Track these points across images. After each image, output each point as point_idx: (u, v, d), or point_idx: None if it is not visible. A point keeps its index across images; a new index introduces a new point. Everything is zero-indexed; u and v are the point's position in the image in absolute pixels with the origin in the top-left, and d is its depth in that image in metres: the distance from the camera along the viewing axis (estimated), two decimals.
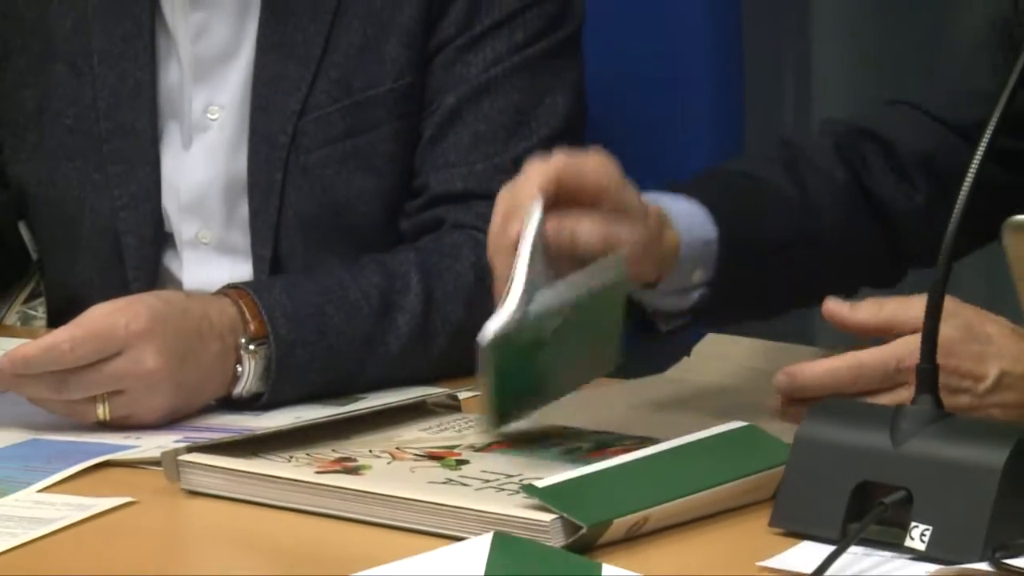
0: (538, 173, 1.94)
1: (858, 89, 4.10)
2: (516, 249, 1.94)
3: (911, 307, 1.96)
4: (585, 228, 1.97)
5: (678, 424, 1.95)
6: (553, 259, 1.96)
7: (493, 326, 1.89)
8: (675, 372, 2.32)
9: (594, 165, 2.01)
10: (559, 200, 1.96)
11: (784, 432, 1.87)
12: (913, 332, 1.89)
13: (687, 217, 2.16)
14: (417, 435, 2.03)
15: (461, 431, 2.05)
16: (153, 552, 1.76)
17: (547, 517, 1.69)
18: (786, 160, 2.34)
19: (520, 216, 1.94)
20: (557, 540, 1.69)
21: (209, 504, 1.89)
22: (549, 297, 1.96)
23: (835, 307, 2.07)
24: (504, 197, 1.99)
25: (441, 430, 2.06)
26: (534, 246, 1.95)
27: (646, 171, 2.69)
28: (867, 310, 2.06)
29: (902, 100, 2.41)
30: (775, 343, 2.39)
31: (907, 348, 1.96)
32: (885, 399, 1.94)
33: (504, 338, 1.92)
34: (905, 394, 1.90)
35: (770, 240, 2.24)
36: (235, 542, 1.84)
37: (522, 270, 1.96)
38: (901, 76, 4.02)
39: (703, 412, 2.00)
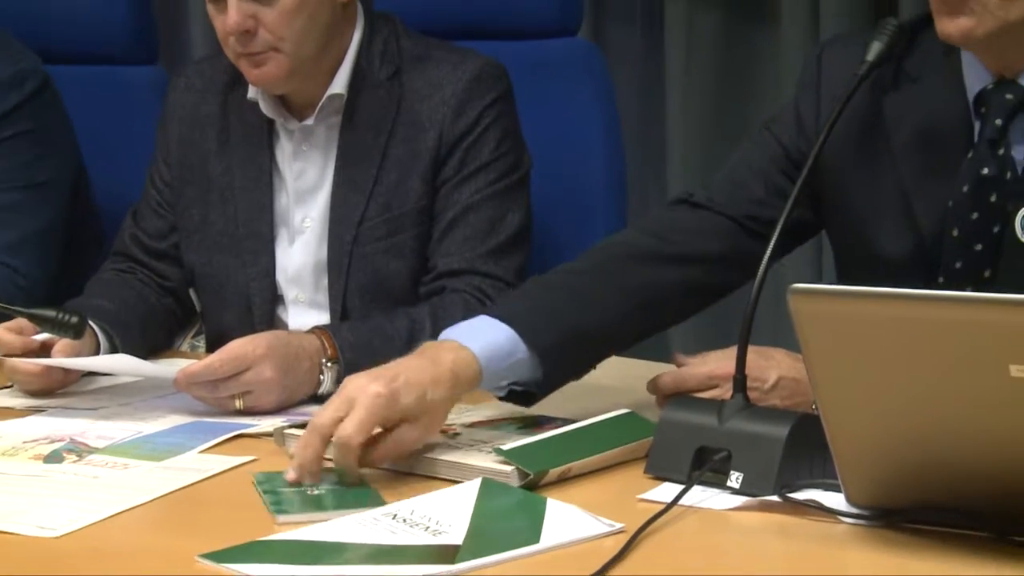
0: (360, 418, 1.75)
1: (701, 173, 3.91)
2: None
3: (725, 354, 1.99)
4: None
5: (587, 411, 1.97)
6: None
7: None
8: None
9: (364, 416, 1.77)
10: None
11: (652, 416, 1.91)
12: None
13: (491, 349, 1.90)
14: None
15: (458, 415, 2.00)
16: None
17: (508, 468, 1.76)
18: (603, 262, 2.12)
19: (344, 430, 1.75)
20: (515, 482, 1.74)
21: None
22: None
23: (684, 360, 2.10)
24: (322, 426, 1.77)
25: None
26: None
27: (566, 234, 2.78)
28: (699, 364, 2.06)
29: (688, 199, 2.18)
30: (644, 361, 2.33)
31: (718, 366, 2.01)
32: (708, 396, 1.97)
33: None
34: (719, 392, 1.97)
35: (579, 335, 2.01)
36: None
37: None
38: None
39: (601, 404, 2.00)
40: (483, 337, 1.93)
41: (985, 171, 2.00)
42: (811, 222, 2.23)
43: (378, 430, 1.80)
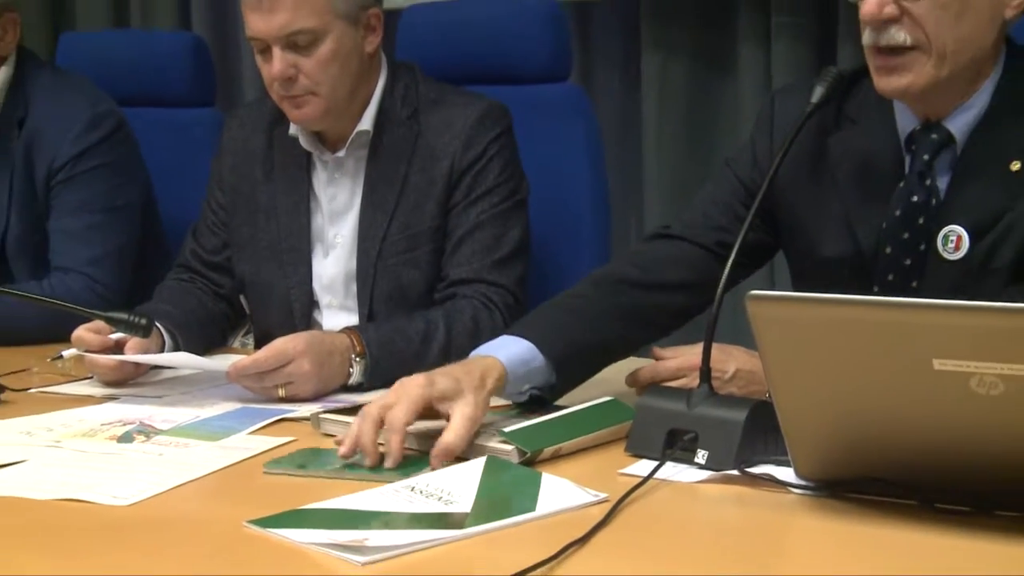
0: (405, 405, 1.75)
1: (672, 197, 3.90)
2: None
3: (692, 349, 1.97)
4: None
5: (578, 399, 1.96)
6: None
7: None
8: None
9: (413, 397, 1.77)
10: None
11: (630, 402, 1.89)
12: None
13: (515, 360, 1.92)
14: None
15: None
16: None
17: (509, 447, 1.75)
18: (601, 288, 2.13)
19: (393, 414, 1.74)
20: (514, 459, 1.73)
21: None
22: None
23: (659, 353, 2.11)
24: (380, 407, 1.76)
25: None
26: None
27: (559, 248, 2.77)
28: (671, 358, 2.07)
29: (664, 232, 2.21)
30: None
31: (686, 359, 2.01)
32: (678, 384, 1.97)
33: None
34: (687, 381, 1.97)
35: (583, 348, 2.03)
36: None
37: None
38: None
39: (589, 393, 2.00)
40: (507, 348, 1.94)
41: (914, 198, 2.02)
42: (770, 244, 2.23)
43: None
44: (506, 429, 1.79)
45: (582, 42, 4.08)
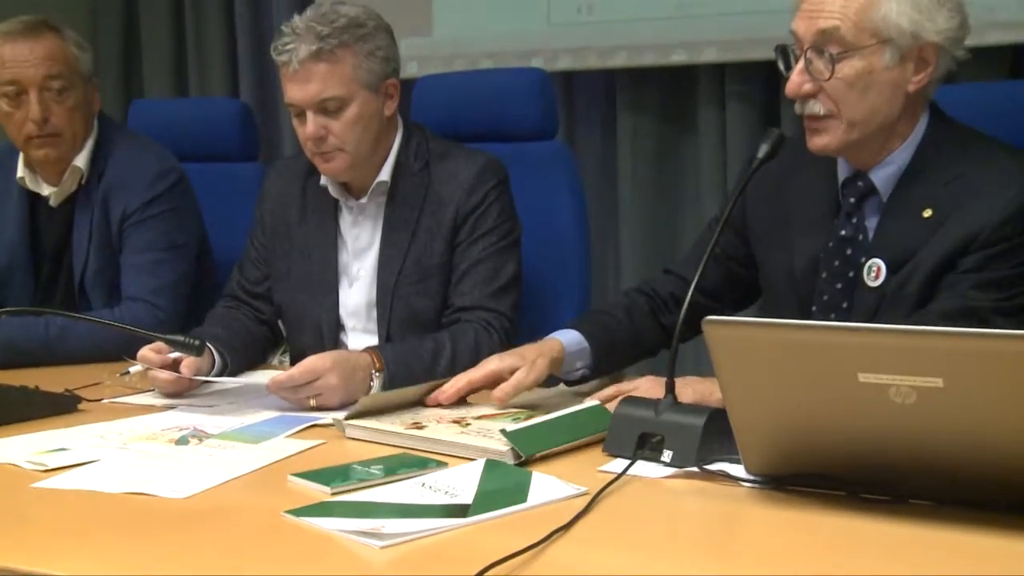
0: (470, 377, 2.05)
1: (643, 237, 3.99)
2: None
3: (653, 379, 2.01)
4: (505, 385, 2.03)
5: (563, 404, 1.94)
6: None
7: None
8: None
9: (493, 368, 2.05)
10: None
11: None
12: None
13: (571, 342, 2.14)
14: (447, 410, 2.01)
15: (469, 407, 2.03)
16: (333, 459, 1.74)
17: (505, 448, 1.73)
18: (625, 306, 2.25)
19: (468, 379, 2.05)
20: (510, 460, 1.72)
21: (360, 444, 1.89)
22: None
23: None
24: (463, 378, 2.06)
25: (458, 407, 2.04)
26: None
27: (547, 281, 2.76)
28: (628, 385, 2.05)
29: (669, 269, 2.31)
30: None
31: (644, 384, 2.01)
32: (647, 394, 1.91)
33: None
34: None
35: (614, 343, 2.20)
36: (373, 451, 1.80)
37: None
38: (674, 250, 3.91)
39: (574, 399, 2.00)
40: (566, 335, 2.15)
41: (844, 233, 2.04)
42: (751, 278, 2.24)
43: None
44: (509, 429, 1.77)
45: (567, 106, 4.11)
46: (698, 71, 3.88)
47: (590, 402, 1.92)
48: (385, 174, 2.46)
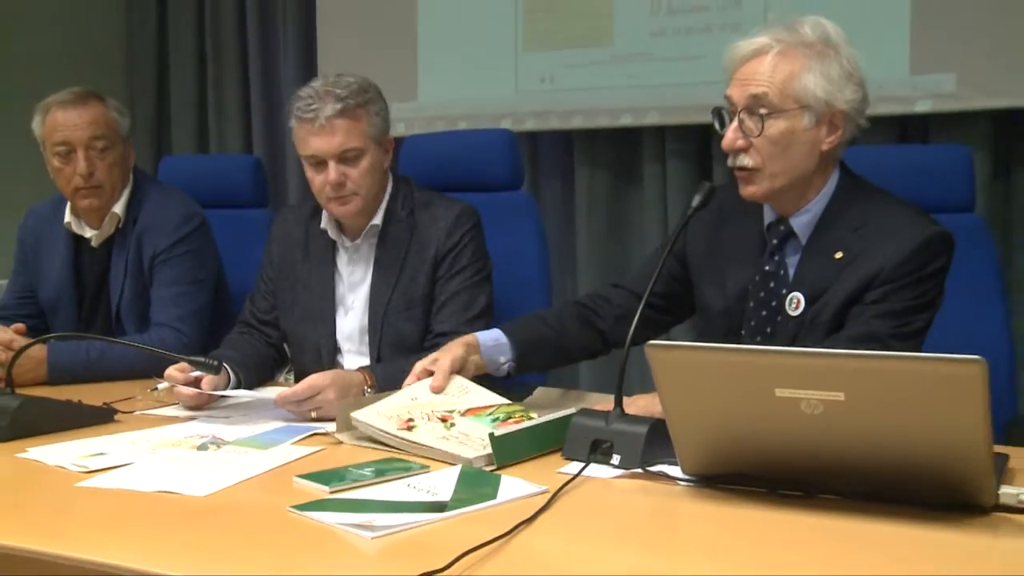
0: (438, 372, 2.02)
1: (598, 273, 4.03)
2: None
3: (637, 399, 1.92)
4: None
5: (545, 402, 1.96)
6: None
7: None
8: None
9: (420, 369, 2.04)
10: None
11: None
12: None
13: (488, 337, 2.14)
14: (439, 402, 1.97)
15: (458, 399, 1.98)
16: (331, 463, 1.73)
17: (480, 454, 1.73)
18: (557, 312, 2.24)
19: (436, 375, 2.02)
20: (484, 466, 1.72)
21: (354, 450, 1.88)
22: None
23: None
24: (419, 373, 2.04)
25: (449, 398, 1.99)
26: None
27: (514, 310, 2.63)
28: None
29: (618, 284, 2.27)
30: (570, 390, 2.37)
31: (637, 403, 1.90)
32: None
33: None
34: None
35: (538, 341, 2.18)
36: (360, 454, 1.78)
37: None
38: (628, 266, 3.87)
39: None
40: (484, 333, 2.14)
41: (768, 269, 2.05)
42: (689, 298, 2.22)
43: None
44: (496, 433, 1.75)
45: (531, 161, 4.13)
46: (643, 132, 3.91)
47: (566, 411, 1.87)
48: (378, 219, 2.45)
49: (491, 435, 1.74)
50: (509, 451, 1.75)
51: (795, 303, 1.99)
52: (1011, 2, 3.21)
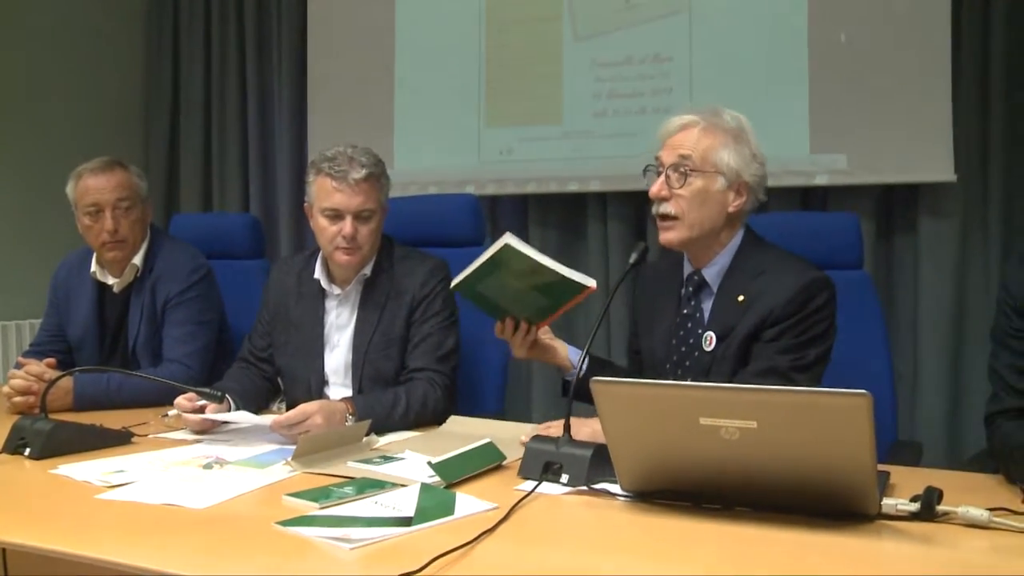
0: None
1: None
2: None
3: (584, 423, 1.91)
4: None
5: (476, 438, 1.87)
6: None
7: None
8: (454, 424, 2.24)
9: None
10: None
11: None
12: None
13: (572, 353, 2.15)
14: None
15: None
16: (317, 481, 1.71)
17: (436, 477, 1.71)
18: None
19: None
20: (440, 483, 1.69)
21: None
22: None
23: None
24: None
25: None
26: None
27: (476, 352, 2.67)
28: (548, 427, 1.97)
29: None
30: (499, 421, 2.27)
31: (582, 431, 1.90)
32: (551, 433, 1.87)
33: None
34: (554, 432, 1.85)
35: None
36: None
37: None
38: (569, 329, 3.80)
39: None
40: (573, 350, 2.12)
41: (686, 312, 2.08)
42: None
43: None
44: (433, 460, 1.73)
45: (492, 221, 4.14)
46: (587, 197, 3.94)
47: (483, 441, 1.85)
48: (367, 270, 2.43)
49: (429, 462, 1.73)
50: (451, 471, 1.72)
51: (708, 340, 2.01)
52: (892, 97, 3.38)
